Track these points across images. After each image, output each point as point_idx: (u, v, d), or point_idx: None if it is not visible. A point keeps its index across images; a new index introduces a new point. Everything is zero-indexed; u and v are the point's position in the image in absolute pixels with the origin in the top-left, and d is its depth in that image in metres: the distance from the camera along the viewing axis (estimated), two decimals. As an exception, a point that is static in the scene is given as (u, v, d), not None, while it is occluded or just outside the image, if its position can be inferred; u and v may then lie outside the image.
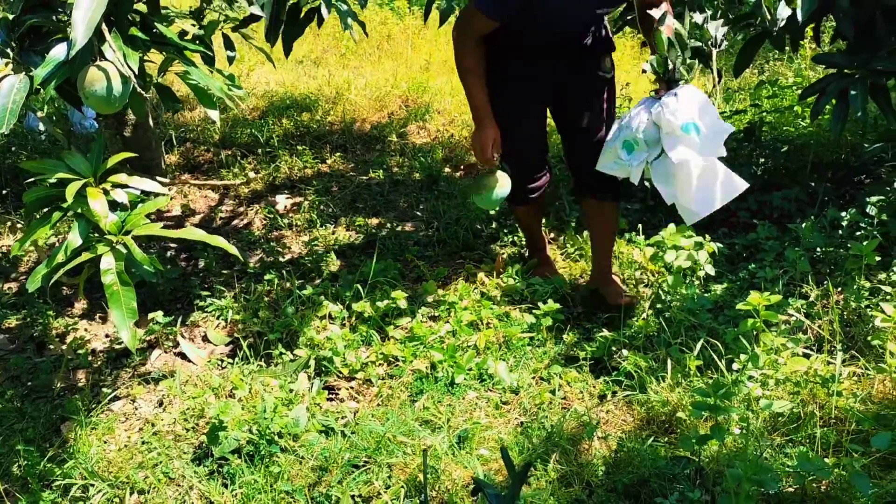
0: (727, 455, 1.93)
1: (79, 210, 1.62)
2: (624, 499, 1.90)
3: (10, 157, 4.08)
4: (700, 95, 2.27)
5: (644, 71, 2.35)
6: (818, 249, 2.83)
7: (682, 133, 2.20)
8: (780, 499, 1.85)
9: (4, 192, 3.72)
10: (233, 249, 1.88)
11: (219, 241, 1.81)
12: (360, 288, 2.84)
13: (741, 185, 2.29)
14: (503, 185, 2.51)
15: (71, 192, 1.58)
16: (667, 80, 2.30)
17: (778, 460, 1.95)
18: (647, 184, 2.70)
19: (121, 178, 1.70)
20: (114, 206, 1.71)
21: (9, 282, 3.12)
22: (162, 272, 2.97)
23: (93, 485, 2.04)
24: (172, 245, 3.37)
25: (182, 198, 3.77)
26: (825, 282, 2.59)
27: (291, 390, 2.34)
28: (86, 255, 1.64)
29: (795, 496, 1.86)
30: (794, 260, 2.71)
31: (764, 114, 3.64)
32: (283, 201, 3.74)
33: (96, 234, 1.68)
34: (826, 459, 1.88)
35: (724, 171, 2.27)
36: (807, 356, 2.23)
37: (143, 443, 2.20)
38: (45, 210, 1.65)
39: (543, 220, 3.06)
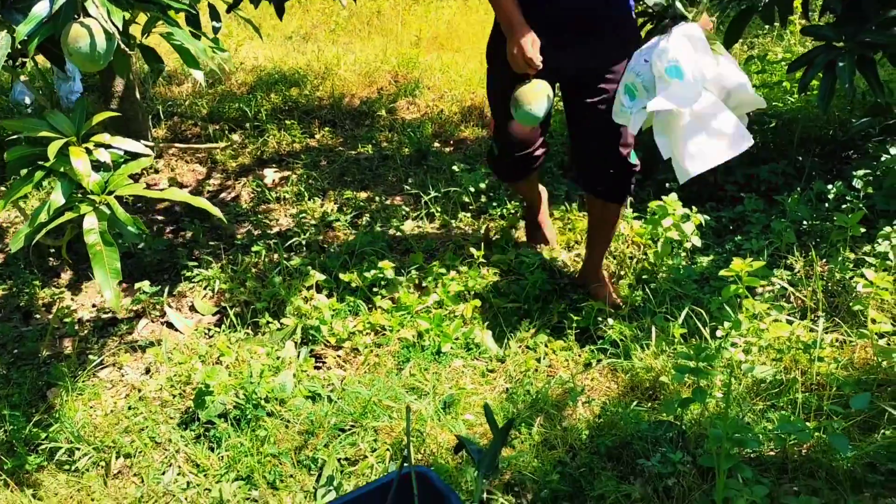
0: (709, 418, 1.95)
1: (61, 169, 1.61)
2: (606, 460, 1.91)
3: (-5, 130, 4.05)
4: (697, 35, 1.99)
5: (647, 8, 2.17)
6: (804, 222, 2.84)
7: (666, 77, 1.94)
8: (762, 461, 1.87)
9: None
10: (215, 210, 1.88)
11: (202, 202, 1.81)
12: (347, 259, 2.84)
13: (747, 140, 2.02)
14: (541, 96, 2.15)
15: (53, 150, 1.56)
16: (672, 18, 2.02)
17: (760, 424, 1.97)
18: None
19: (104, 137, 1.69)
20: (97, 166, 1.70)
21: (-5, 253, 3.11)
22: (147, 239, 2.97)
23: (78, 448, 2.05)
24: (159, 217, 3.36)
25: (169, 171, 3.75)
26: (810, 253, 2.60)
27: (278, 358, 2.35)
28: (69, 215, 1.64)
29: (776, 458, 1.88)
30: (780, 231, 2.72)
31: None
32: (271, 175, 3.73)
33: (79, 195, 1.67)
34: (807, 423, 1.90)
35: (731, 124, 1.99)
36: (789, 323, 2.24)
37: (129, 408, 2.20)
38: (28, 169, 1.63)
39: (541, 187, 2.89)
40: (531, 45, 2.13)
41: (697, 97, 1.95)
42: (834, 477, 1.79)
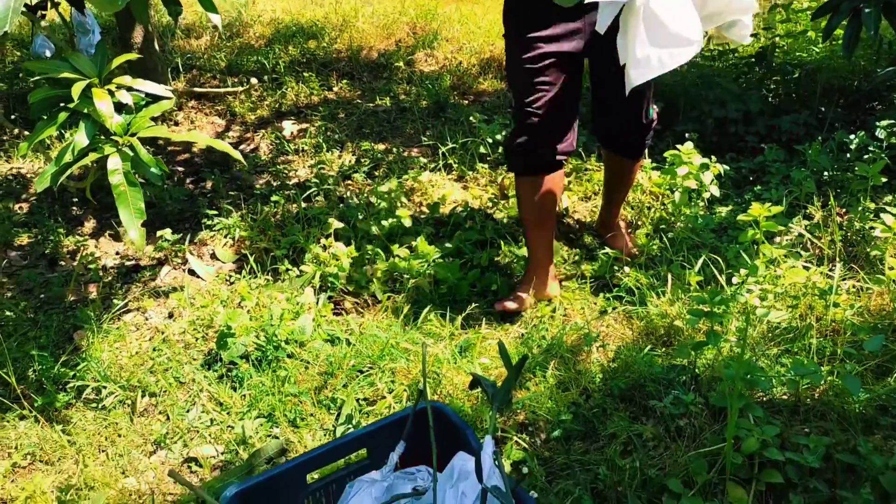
0: (723, 362, 1.97)
1: (85, 110, 1.63)
2: (619, 402, 1.94)
3: (18, 84, 4.08)
4: None
5: None
6: (825, 172, 2.82)
7: None
8: (773, 404, 1.89)
9: (13, 116, 3.73)
10: (236, 154, 1.90)
11: (223, 145, 1.83)
12: (365, 208, 2.86)
13: (696, 44, 1.70)
14: None
15: (77, 90, 1.59)
16: None
17: (773, 369, 1.99)
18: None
19: (125, 79, 1.71)
20: (119, 108, 1.72)
21: (20, 202, 3.16)
22: (168, 188, 3.01)
23: (105, 387, 2.11)
24: (180, 168, 3.39)
25: (189, 123, 3.78)
26: (830, 203, 2.59)
27: (298, 303, 2.39)
28: (92, 156, 1.66)
29: (788, 402, 1.90)
30: (800, 181, 2.70)
31: (777, 38, 3.58)
32: (289, 127, 3.74)
33: (102, 136, 1.70)
34: (821, 368, 1.92)
35: (689, 28, 1.69)
36: (806, 269, 2.24)
37: (153, 350, 2.26)
38: (52, 111, 1.66)
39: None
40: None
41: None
42: (845, 419, 1.81)
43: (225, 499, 1.38)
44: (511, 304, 2.32)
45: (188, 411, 2.03)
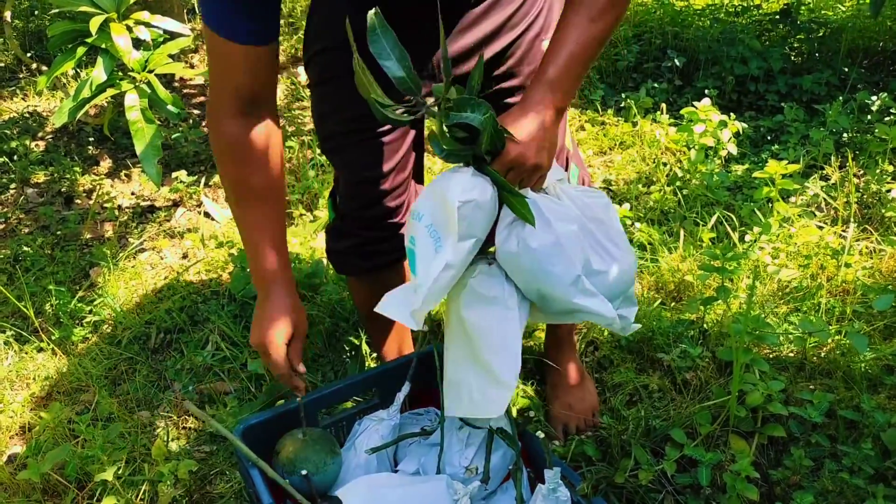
0: (731, 317, 1.98)
1: (103, 45, 1.63)
2: (626, 353, 1.96)
3: (34, 21, 4.06)
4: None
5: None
6: (844, 133, 2.79)
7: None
8: (780, 360, 1.91)
9: (29, 54, 3.72)
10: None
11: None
12: (380, 155, 2.86)
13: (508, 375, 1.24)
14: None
15: (95, 24, 1.58)
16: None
17: (781, 327, 2.00)
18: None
19: (143, 15, 1.71)
20: (137, 45, 1.72)
21: (36, 140, 3.18)
22: (184, 129, 3.01)
23: (121, 323, 2.15)
24: (195, 111, 3.38)
25: (204, 66, 3.76)
26: (847, 164, 2.57)
27: (311, 247, 2.41)
28: (110, 91, 1.67)
29: (794, 359, 1.91)
30: (819, 141, 2.68)
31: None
32: (305, 73, 3.71)
33: (120, 73, 1.70)
34: (829, 326, 1.93)
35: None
36: (819, 228, 2.24)
37: (168, 288, 2.29)
38: (70, 45, 1.66)
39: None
40: (284, 341, 1.34)
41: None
42: (851, 378, 1.82)
43: (238, 431, 1.41)
44: None
45: (202, 348, 2.07)
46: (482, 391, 1.22)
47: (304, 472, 1.35)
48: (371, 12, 1.10)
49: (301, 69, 3.74)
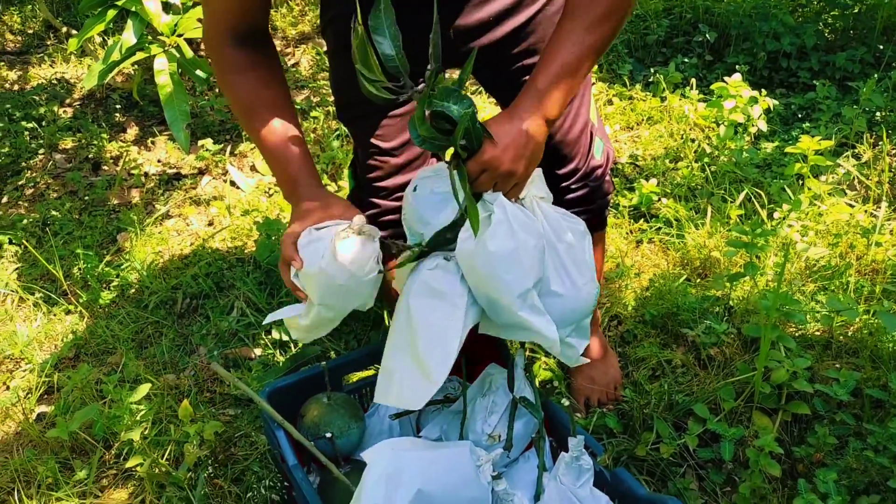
0: (758, 293, 1.96)
1: (133, 8, 1.63)
2: (651, 328, 1.95)
3: (62, -12, 4.07)
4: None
5: None
6: (878, 112, 2.73)
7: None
8: (806, 339, 1.89)
9: (59, 18, 3.74)
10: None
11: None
12: (405, 127, 2.85)
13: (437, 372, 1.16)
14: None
15: (126, -13, 1.58)
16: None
17: (808, 306, 1.98)
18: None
19: (173, -21, 1.70)
20: (167, 8, 1.72)
21: (64, 106, 3.20)
22: (210, 97, 3.02)
23: (148, 287, 2.17)
24: (221, 80, 3.39)
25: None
26: (880, 143, 2.52)
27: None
28: (140, 55, 1.67)
29: (821, 338, 1.90)
30: (851, 119, 2.63)
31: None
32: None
33: (150, 36, 1.70)
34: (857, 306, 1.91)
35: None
36: (850, 206, 2.21)
37: (194, 254, 2.31)
38: (100, 9, 1.66)
39: None
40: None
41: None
42: (878, 357, 1.81)
43: (263, 394, 1.43)
44: None
45: (228, 314, 2.09)
46: (410, 383, 1.17)
47: (328, 435, 1.36)
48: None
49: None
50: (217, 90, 3.27)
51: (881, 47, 3.10)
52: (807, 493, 1.44)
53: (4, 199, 2.64)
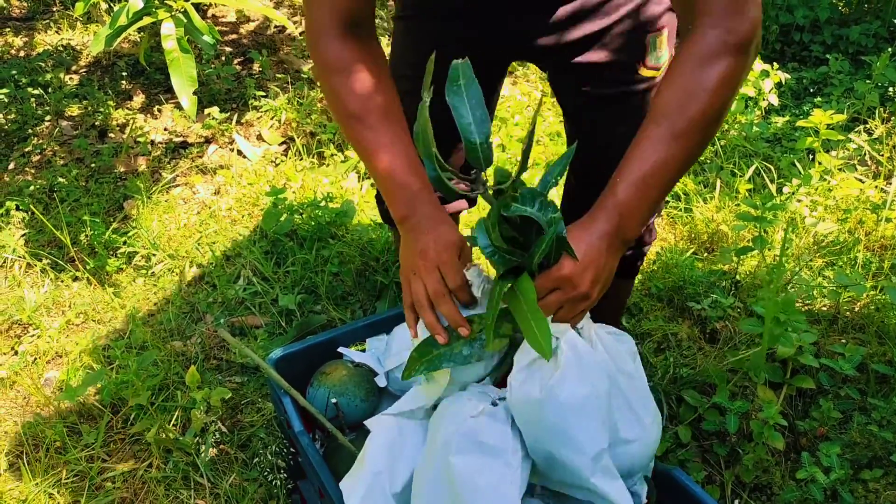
0: (766, 268, 1.96)
1: (140, -28, 1.62)
2: (657, 301, 1.95)
3: (67, -47, 4.03)
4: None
5: None
6: (891, 88, 2.70)
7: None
8: (813, 314, 1.89)
9: (63, -14, 3.70)
10: (283, 20, 1.87)
11: (274, 13, 1.80)
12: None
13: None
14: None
15: (132, -50, 1.57)
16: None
17: (816, 281, 1.97)
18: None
19: (181, -58, 1.68)
20: (174, -27, 1.70)
21: (70, 73, 3.18)
22: (216, 66, 3.00)
23: (154, 255, 2.17)
24: (227, 49, 3.36)
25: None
26: (892, 119, 2.49)
27: (342, 187, 2.41)
28: (147, 20, 1.66)
29: (828, 313, 1.89)
30: (864, 93, 2.60)
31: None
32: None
33: (157, 1, 1.68)
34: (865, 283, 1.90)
35: None
36: (860, 181, 2.19)
37: (201, 223, 2.31)
38: (107, -28, 1.64)
39: None
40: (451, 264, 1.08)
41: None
42: (885, 333, 1.80)
43: (271, 361, 1.43)
44: None
45: (234, 283, 2.09)
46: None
47: (334, 401, 1.37)
48: (458, 62, 0.97)
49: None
50: (223, 58, 3.24)
51: (895, 21, 3.06)
52: (810, 465, 1.44)
53: (11, 166, 2.64)
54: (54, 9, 3.66)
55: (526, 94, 2.93)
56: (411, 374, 1.07)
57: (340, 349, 1.45)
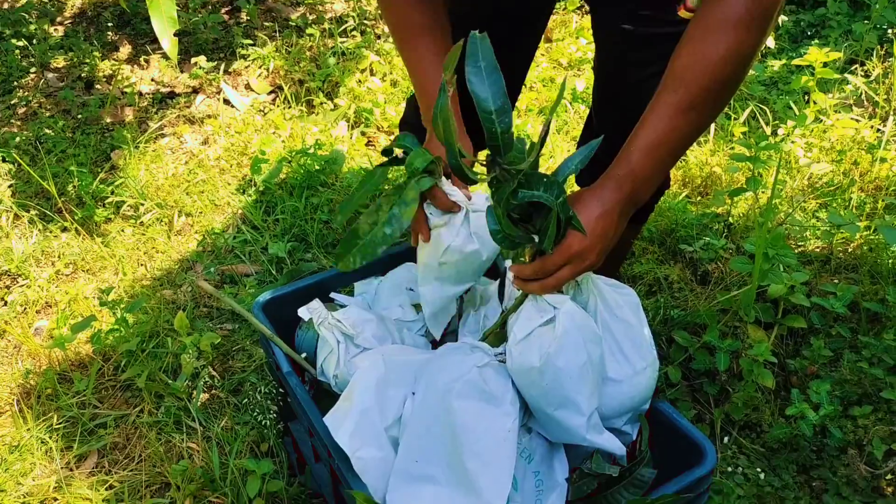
0: (759, 209, 1.94)
1: None
2: (649, 244, 1.94)
3: None
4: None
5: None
6: (889, 30, 2.65)
7: None
8: (806, 255, 1.88)
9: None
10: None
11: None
12: (403, 44, 2.78)
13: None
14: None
15: None
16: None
17: (809, 222, 1.96)
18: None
19: None
20: None
21: (55, 25, 3.12)
22: (203, 14, 2.94)
23: (143, 204, 2.15)
24: (215, -3, 3.29)
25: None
26: (890, 59, 2.45)
27: (332, 135, 2.38)
28: (125, -41, 1.61)
29: (821, 254, 1.88)
30: (862, 34, 2.55)
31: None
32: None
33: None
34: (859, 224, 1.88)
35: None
36: (856, 121, 2.16)
37: (189, 173, 2.28)
38: None
39: None
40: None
41: None
42: (877, 272, 1.79)
43: (258, 304, 1.42)
44: None
45: (224, 232, 2.07)
46: (455, 503, 1.02)
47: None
48: (477, 35, 0.95)
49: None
50: (210, 7, 3.18)
51: (897, -39, 2.99)
52: (799, 402, 1.45)
53: (-4, 118, 2.60)
54: (36, -41, 3.57)
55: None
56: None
57: (332, 294, 1.44)
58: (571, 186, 1.52)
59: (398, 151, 1.12)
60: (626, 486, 1.04)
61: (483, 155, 1.08)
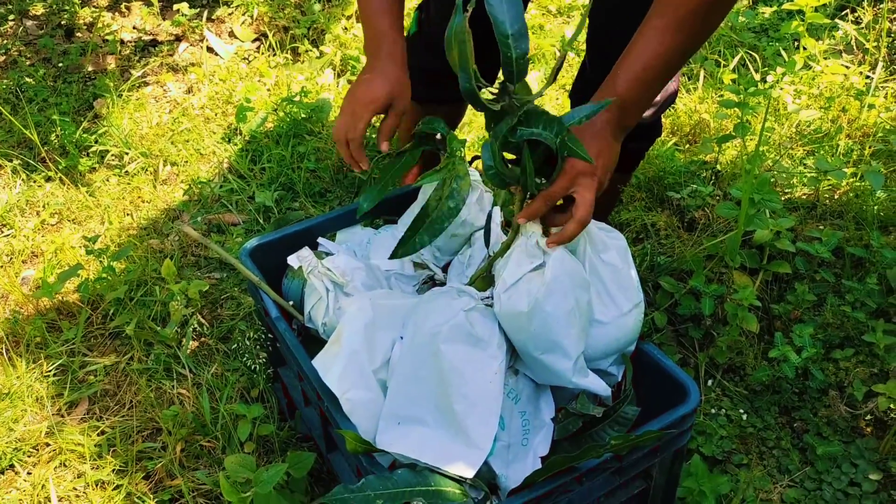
0: (746, 157, 1.94)
1: None
2: (636, 191, 1.94)
3: None
4: None
5: None
6: (882, -25, 2.63)
7: None
8: (792, 202, 1.89)
9: None
10: None
11: None
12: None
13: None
14: None
15: None
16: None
17: (796, 169, 1.96)
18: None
19: None
20: None
21: (32, -30, 3.04)
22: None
23: (127, 153, 2.13)
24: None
25: None
26: (881, 5, 2.43)
27: (318, 83, 2.35)
28: None
29: (807, 201, 1.89)
30: (854, -21, 2.53)
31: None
32: None
33: None
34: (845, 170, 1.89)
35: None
36: (846, 67, 2.15)
37: (174, 121, 2.25)
38: None
39: None
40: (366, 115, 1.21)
41: None
42: (863, 219, 1.81)
43: (245, 251, 1.42)
44: None
45: (210, 181, 2.06)
46: (443, 443, 1.02)
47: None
48: None
49: None
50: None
51: None
52: (782, 345, 1.47)
53: (-25, 67, 2.55)
54: None
55: None
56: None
57: (319, 240, 1.44)
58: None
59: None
60: (610, 424, 1.06)
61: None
